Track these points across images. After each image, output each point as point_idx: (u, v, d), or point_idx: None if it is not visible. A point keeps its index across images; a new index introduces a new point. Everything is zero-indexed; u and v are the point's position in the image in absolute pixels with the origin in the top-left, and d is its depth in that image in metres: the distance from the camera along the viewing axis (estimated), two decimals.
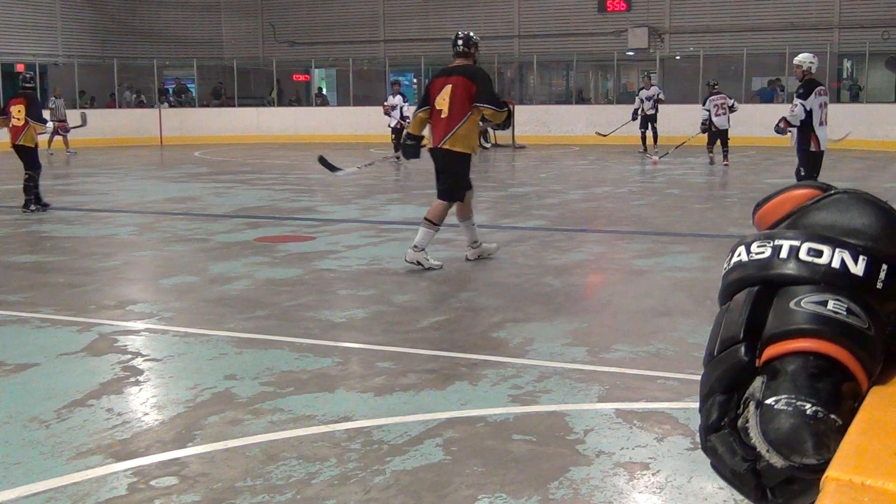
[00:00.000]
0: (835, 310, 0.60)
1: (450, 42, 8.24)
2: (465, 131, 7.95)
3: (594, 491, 3.48)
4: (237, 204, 12.94)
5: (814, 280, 0.61)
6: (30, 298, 6.90)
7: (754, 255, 0.64)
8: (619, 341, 5.58)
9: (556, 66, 31.47)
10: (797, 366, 0.59)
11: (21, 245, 9.45)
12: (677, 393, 4.60)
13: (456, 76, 7.95)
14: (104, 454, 3.85)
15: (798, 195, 0.68)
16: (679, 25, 28.82)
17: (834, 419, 0.58)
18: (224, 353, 5.42)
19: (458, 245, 9.08)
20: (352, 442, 3.97)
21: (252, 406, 4.43)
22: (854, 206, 0.65)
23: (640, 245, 9.20)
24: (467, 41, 8.10)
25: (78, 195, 14.63)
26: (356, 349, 5.58)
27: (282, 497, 3.42)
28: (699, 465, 3.62)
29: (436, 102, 7.93)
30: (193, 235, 10.06)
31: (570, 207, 12.62)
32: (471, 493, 3.46)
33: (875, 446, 0.54)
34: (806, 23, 26.82)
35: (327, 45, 32.54)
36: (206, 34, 33.99)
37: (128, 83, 30.57)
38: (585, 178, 17.23)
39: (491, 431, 4.11)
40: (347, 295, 7.04)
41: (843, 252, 0.62)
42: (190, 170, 19.61)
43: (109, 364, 5.17)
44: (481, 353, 5.32)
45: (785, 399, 0.58)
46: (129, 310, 6.55)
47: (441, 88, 7.92)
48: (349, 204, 12.88)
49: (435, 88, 8.00)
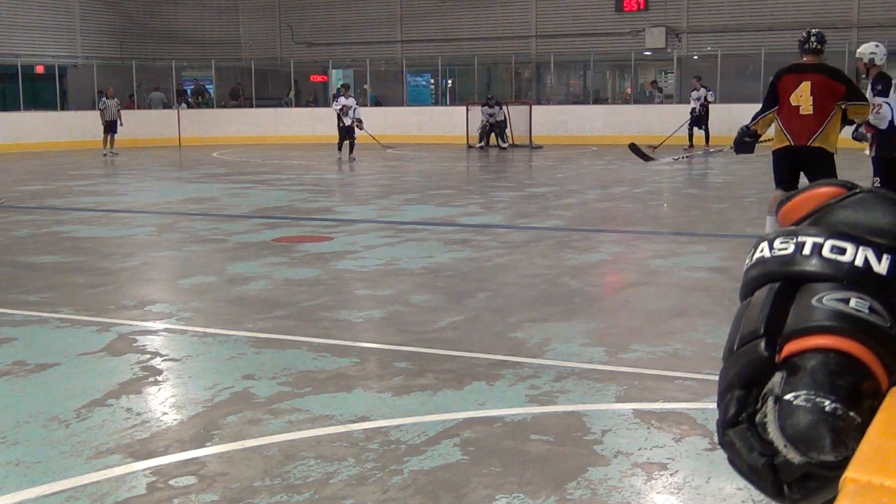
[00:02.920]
0: (857, 307, 0.60)
1: (465, 43, 8.18)
2: (830, 131, 7.80)
3: (612, 491, 3.48)
4: (255, 204, 12.98)
5: (836, 277, 0.61)
6: (50, 299, 6.94)
7: (777, 252, 0.64)
8: (637, 341, 5.57)
9: (573, 66, 31.41)
10: (817, 362, 0.59)
11: (41, 245, 9.51)
12: (695, 393, 4.58)
13: (813, 73, 7.79)
14: (123, 454, 3.87)
15: (822, 193, 0.68)
16: (697, 25, 28.72)
17: (853, 417, 0.57)
18: (242, 352, 5.44)
19: (474, 245, 9.08)
20: (369, 442, 3.97)
21: (270, 406, 4.44)
22: (879, 205, 0.65)
23: (658, 245, 9.18)
24: (820, 38, 7.95)
25: (97, 196, 14.70)
26: (374, 349, 5.58)
27: (300, 497, 3.42)
28: (717, 466, 3.61)
29: (791, 99, 7.75)
30: (212, 236, 10.09)
31: (587, 207, 12.60)
32: (488, 493, 3.45)
33: (895, 447, 0.54)
34: (825, 22, 26.62)
35: (345, 46, 32.61)
36: (224, 35, 34.11)
37: (154, 84, 30.69)
38: (603, 178, 17.19)
39: (508, 431, 4.11)
40: (365, 295, 7.05)
41: (867, 250, 0.62)
42: (208, 170, 19.69)
43: (128, 364, 5.20)
44: (499, 354, 5.31)
45: (804, 395, 0.58)
46: (147, 310, 6.58)
47: (797, 85, 7.77)
48: (366, 204, 12.91)
49: (787, 86, 7.83)
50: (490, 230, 10.22)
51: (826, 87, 7.71)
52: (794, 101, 7.73)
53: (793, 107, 7.73)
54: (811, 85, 7.70)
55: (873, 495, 0.50)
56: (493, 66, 31.71)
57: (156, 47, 32.27)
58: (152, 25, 33.14)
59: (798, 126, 7.75)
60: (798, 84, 7.75)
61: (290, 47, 33.74)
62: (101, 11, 31.90)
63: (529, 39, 30.77)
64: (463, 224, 10.67)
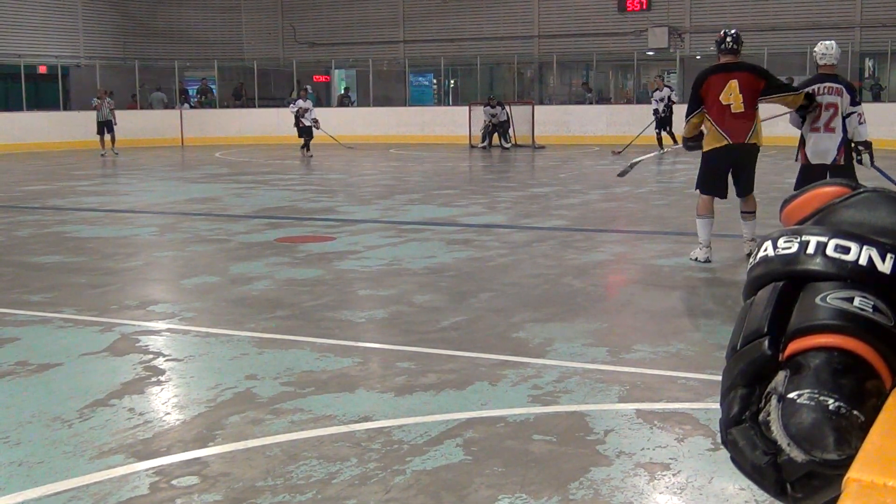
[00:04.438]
0: (861, 306, 0.59)
1: (467, 43, 8.23)
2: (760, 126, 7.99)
3: (614, 491, 3.47)
4: (258, 204, 12.99)
5: (840, 276, 0.61)
6: (52, 299, 6.94)
7: (781, 251, 0.64)
8: (640, 341, 5.56)
9: (575, 66, 31.41)
10: (821, 361, 0.59)
11: (44, 245, 9.52)
12: (698, 393, 4.58)
13: (738, 72, 7.91)
14: (126, 453, 3.87)
15: (826, 193, 0.68)
16: (699, 25, 28.72)
17: (857, 415, 0.57)
18: (245, 353, 5.44)
19: (476, 245, 9.08)
20: (372, 442, 3.97)
21: (273, 406, 4.44)
22: (883, 205, 0.65)
23: (661, 245, 9.17)
24: (736, 39, 8.05)
25: (100, 196, 14.71)
26: (376, 349, 5.58)
27: (302, 497, 3.43)
28: (720, 466, 3.61)
29: (721, 98, 7.84)
30: (214, 236, 10.10)
31: (590, 207, 12.59)
32: (491, 493, 3.45)
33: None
34: (827, 22, 26.67)
35: (347, 46, 32.64)
36: (227, 35, 34.15)
37: (155, 84, 30.70)
38: (605, 178, 17.17)
39: (511, 432, 4.11)
40: (368, 295, 7.05)
41: (871, 249, 0.61)
42: (211, 170, 19.70)
43: (131, 364, 5.20)
44: (501, 354, 5.31)
45: (808, 394, 0.58)
46: (150, 310, 6.58)
47: (724, 85, 7.86)
48: (369, 204, 12.91)
49: (713, 86, 7.93)
50: (493, 230, 10.22)
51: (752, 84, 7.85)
52: (725, 101, 7.82)
53: (723, 105, 7.83)
54: (739, 83, 7.81)
55: (876, 495, 0.50)
56: (496, 66, 31.73)
57: (158, 47, 32.32)
58: (155, 26, 33.18)
59: (733, 124, 7.85)
60: (726, 83, 7.85)
61: (293, 47, 33.77)
62: (104, 11, 31.95)
63: (532, 39, 30.78)
64: (465, 224, 10.66)
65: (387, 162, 21.64)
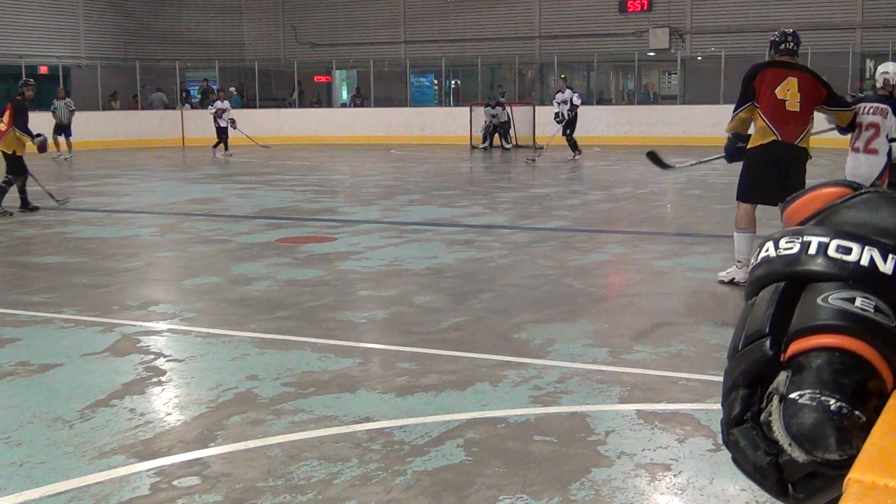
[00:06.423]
0: (862, 307, 0.60)
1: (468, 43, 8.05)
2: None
3: (616, 492, 3.47)
4: (259, 205, 12.99)
5: (842, 277, 0.61)
6: (53, 299, 6.94)
7: (782, 251, 0.64)
8: (641, 342, 5.56)
9: (577, 66, 31.40)
10: (822, 361, 0.59)
11: (45, 246, 9.52)
12: (699, 394, 4.58)
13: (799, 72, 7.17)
14: (127, 454, 3.88)
15: (828, 193, 0.68)
16: (700, 26, 28.70)
17: (858, 416, 0.57)
18: (246, 353, 5.44)
19: (477, 246, 9.08)
20: (373, 442, 3.98)
21: (274, 406, 4.44)
22: (884, 206, 0.65)
23: (662, 246, 9.17)
24: (796, 40, 7.31)
25: (101, 196, 14.71)
26: (377, 350, 5.58)
27: (303, 497, 3.43)
28: (721, 467, 3.61)
29: (777, 92, 7.03)
30: (215, 236, 10.10)
31: (590, 208, 12.59)
32: (492, 493, 3.45)
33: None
34: (829, 23, 26.65)
35: (348, 47, 32.63)
36: (228, 36, 34.15)
37: (156, 85, 30.67)
38: (606, 178, 17.19)
39: (512, 432, 4.11)
40: (368, 296, 7.05)
41: (873, 250, 0.62)
42: (212, 171, 19.71)
43: (132, 364, 5.20)
44: (502, 354, 5.31)
45: (809, 394, 0.58)
46: (151, 310, 6.58)
47: (782, 80, 7.06)
48: (370, 205, 12.91)
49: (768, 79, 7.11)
50: (493, 231, 10.22)
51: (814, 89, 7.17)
52: (781, 96, 7.07)
53: (779, 101, 7.05)
54: (798, 82, 7.10)
55: (878, 496, 0.50)
56: (497, 66, 31.71)
57: (159, 48, 32.31)
58: (156, 26, 33.18)
59: (786, 123, 7.06)
60: (785, 79, 7.12)
61: (294, 48, 33.76)
62: (105, 12, 31.94)
63: (533, 40, 30.76)
64: (466, 225, 10.66)
65: (388, 162, 21.64)
